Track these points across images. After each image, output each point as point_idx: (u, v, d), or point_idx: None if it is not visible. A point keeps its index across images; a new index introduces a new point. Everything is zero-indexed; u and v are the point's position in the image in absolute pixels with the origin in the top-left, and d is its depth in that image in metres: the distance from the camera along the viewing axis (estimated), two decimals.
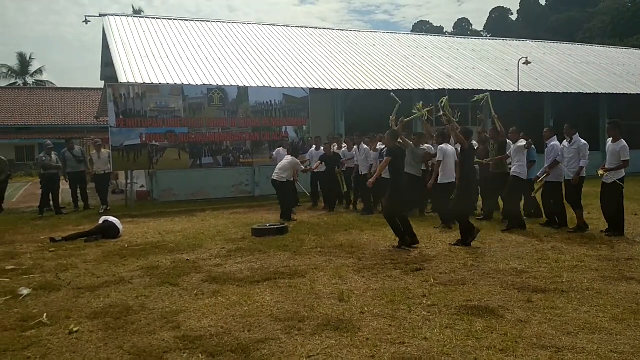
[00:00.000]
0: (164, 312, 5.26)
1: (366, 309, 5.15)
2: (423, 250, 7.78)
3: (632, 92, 22.05)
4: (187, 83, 15.12)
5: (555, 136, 9.65)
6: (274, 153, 13.57)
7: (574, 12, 69.94)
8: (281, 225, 9.56)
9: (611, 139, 8.74)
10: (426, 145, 11.00)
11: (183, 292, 5.91)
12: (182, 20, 20.45)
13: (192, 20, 20.70)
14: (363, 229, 9.70)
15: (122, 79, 14.86)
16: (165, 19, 20.17)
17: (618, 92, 21.76)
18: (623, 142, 8.46)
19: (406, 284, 5.98)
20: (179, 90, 14.35)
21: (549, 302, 5.21)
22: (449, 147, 9.67)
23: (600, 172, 8.64)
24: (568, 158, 9.07)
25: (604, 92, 21.53)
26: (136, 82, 14.55)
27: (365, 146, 11.90)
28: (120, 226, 9.65)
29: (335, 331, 4.59)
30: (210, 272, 6.76)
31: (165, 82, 14.97)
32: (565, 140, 9.30)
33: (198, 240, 9.03)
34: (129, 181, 14.33)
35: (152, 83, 14.73)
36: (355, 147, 12.42)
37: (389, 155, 8.01)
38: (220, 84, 15.40)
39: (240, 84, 15.64)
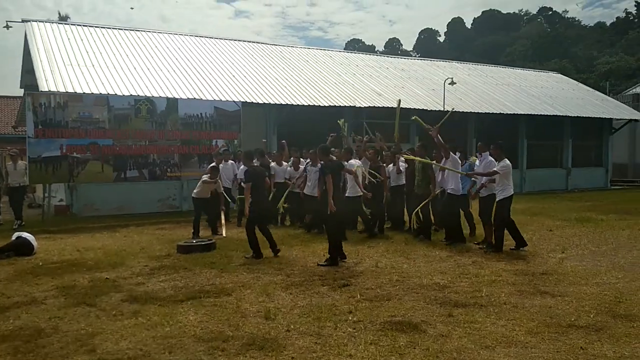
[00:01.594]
0: (79, 334, 4.99)
1: (292, 326, 5.11)
2: (351, 266, 7.84)
3: (549, 114, 23.44)
4: (113, 93, 14.57)
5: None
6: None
7: (498, 36, 73.86)
8: (208, 242, 9.35)
9: (491, 158, 9.11)
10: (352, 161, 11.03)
11: (100, 313, 5.63)
12: (110, 28, 19.76)
13: (121, 29, 20.06)
14: (292, 245, 9.66)
15: (43, 87, 14.12)
16: (92, 26, 19.40)
17: (535, 113, 23.06)
18: (506, 161, 8.82)
19: (333, 300, 6.00)
20: (103, 100, 13.83)
21: (469, 317, 5.37)
22: (355, 162, 10.08)
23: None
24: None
25: (522, 112, 22.75)
26: (58, 91, 13.86)
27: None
28: (34, 243, 9.10)
29: (260, 350, 4.52)
30: (131, 291, 6.49)
31: (90, 92, 14.35)
32: (477, 159, 9.71)
33: (119, 257, 8.66)
34: (46, 195, 13.60)
35: (75, 92, 14.08)
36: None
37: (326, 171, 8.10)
38: (148, 94, 14.96)
39: (170, 96, 15.28)
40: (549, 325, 5.10)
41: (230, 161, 12.96)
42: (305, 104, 17.48)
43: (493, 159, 9.03)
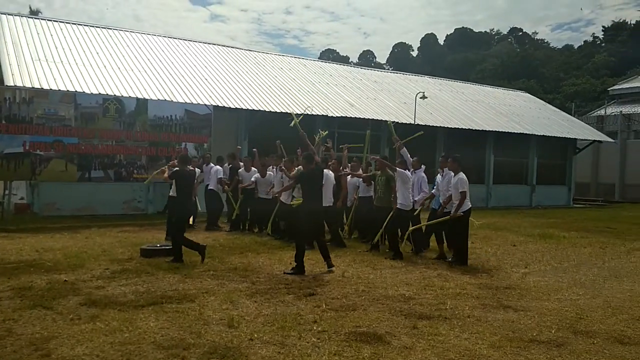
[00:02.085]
0: (34, 338, 4.80)
1: (256, 335, 5.03)
2: (318, 275, 7.79)
3: (516, 131, 23.96)
4: (81, 91, 14.24)
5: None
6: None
7: (469, 53, 75.32)
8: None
9: (452, 173, 9.13)
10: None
11: (57, 316, 5.44)
12: (81, 25, 19.34)
13: (93, 26, 19.65)
14: (259, 252, 9.57)
15: (9, 81, 13.69)
16: (63, 22, 18.97)
17: (503, 130, 23.54)
18: (462, 175, 8.87)
19: (298, 309, 5.93)
20: (70, 97, 13.52)
21: (433, 329, 5.38)
22: (329, 173, 10.04)
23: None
24: (443, 190, 9.36)
25: (490, 129, 23.19)
26: (24, 86, 13.48)
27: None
28: None
29: (222, 359, 4.42)
30: (90, 294, 6.29)
31: (57, 88, 13.99)
32: (438, 174, 9.74)
33: (79, 259, 8.41)
34: (6, 192, 13.16)
35: (42, 88, 13.71)
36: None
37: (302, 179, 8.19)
38: (117, 94, 14.67)
39: (140, 96, 15.02)
40: (512, 339, 5.15)
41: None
42: (278, 110, 17.41)
43: (424, 175, 9.14)
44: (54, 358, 4.35)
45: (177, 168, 8.90)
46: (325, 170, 9.89)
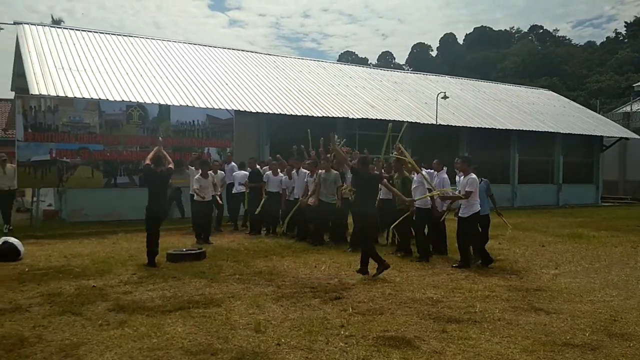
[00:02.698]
0: (63, 344, 4.84)
1: (283, 340, 4.99)
2: (343, 278, 7.73)
3: (540, 130, 23.57)
4: (105, 98, 14.44)
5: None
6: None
7: (489, 52, 74.51)
8: (198, 251, 9.21)
9: (462, 173, 8.94)
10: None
11: (86, 322, 5.48)
12: (103, 33, 19.64)
13: (114, 34, 19.93)
14: (284, 255, 9.55)
15: (34, 90, 13.96)
16: (84, 30, 19.30)
17: (527, 129, 23.18)
18: (472, 175, 8.69)
19: (325, 314, 5.88)
20: (95, 105, 13.69)
21: (463, 333, 5.28)
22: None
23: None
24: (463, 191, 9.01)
25: (514, 128, 22.85)
26: (49, 95, 13.72)
27: (305, 171, 11.77)
28: (21, 248, 8.94)
29: None
30: (118, 300, 6.33)
31: (81, 96, 14.20)
32: (458, 175, 9.51)
33: (107, 265, 8.50)
34: (35, 199, 13.38)
35: (66, 96, 13.93)
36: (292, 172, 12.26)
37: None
38: (140, 100, 14.85)
39: (162, 102, 15.17)
40: (544, 343, 5.02)
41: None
42: (299, 114, 17.42)
43: (446, 177, 8.89)
44: None
45: (147, 163, 8.78)
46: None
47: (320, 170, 11.00)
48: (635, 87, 40.98)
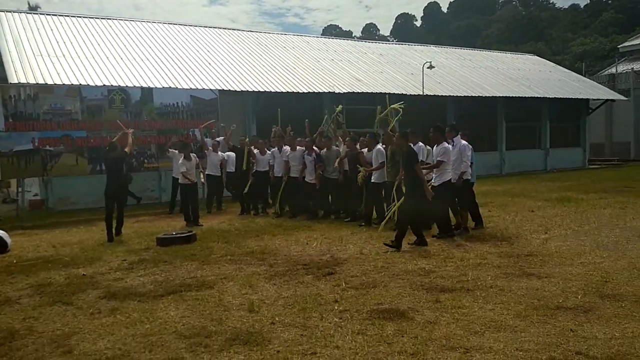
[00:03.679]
0: (55, 335, 4.79)
1: (277, 319, 4.97)
2: (335, 253, 7.72)
3: (527, 96, 23.54)
4: (85, 84, 14.18)
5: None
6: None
7: (474, 19, 74.07)
8: (188, 233, 9.14)
9: (435, 144, 8.82)
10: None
11: (77, 312, 5.43)
12: (81, 17, 19.19)
13: (93, 18, 19.49)
14: (275, 234, 9.52)
15: (13, 79, 13.69)
16: (62, 15, 18.86)
17: (514, 95, 23.13)
18: (445, 145, 8.61)
19: (318, 290, 5.87)
20: (75, 91, 13.41)
21: (456, 302, 5.29)
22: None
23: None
24: (452, 160, 8.81)
25: (501, 95, 22.80)
26: (28, 83, 13.45)
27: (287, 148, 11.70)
28: (8, 240, 8.80)
29: (245, 345, 4.38)
30: (109, 287, 6.28)
31: (61, 83, 13.94)
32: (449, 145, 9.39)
33: (97, 252, 8.41)
34: (19, 189, 13.20)
35: (46, 84, 13.66)
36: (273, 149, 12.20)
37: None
38: (122, 84, 14.59)
39: (144, 85, 14.92)
40: (537, 307, 5.04)
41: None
42: (284, 90, 17.23)
43: (448, 146, 8.69)
44: (76, 354, 4.33)
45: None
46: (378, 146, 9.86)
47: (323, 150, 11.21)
48: (620, 49, 40.96)
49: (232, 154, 13.32)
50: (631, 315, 4.76)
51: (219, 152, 13.19)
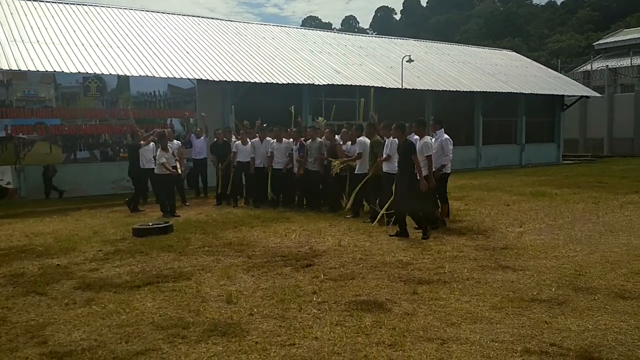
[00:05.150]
0: (29, 325, 4.70)
1: (255, 310, 4.96)
2: (313, 245, 7.73)
3: (503, 91, 23.82)
4: (60, 70, 13.85)
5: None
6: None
7: (452, 14, 74.52)
8: (165, 224, 9.04)
9: (417, 137, 8.70)
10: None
11: (52, 302, 5.33)
12: (56, 2, 18.72)
13: (68, 3, 19.03)
14: (253, 226, 9.49)
15: None
16: (37, 0, 18.37)
17: (491, 91, 23.39)
18: (427, 138, 8.60)
19: (297, 281, 5.87)
20: (50, 78, 13.15)
21: (433, 293, 5.35)
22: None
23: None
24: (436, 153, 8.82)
25: (478, 90, 23.03)
26: (1, 69, 13.08)
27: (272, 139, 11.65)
28: None
29: (223, 336, 4.36)
30: (84, 277, 6.18)
31: (35, 69, 13.59)
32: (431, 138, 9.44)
33: (71, 242, 8.27)
34: None
35: (19, 70, 13.32)
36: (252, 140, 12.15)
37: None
38: (97, 72, 14.31)
39: (121, 73, 14.66)
40: (512, 299, 5.13)
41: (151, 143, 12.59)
42: (263, 81, 17.12)
43: (430, 139, 8.62)
44: (50, 345, 4.26)
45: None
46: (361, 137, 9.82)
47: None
48: (595, 46, 41.69)
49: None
50: (604, 307, 4.87)
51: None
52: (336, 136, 11.11)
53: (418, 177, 8.04)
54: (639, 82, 31.18)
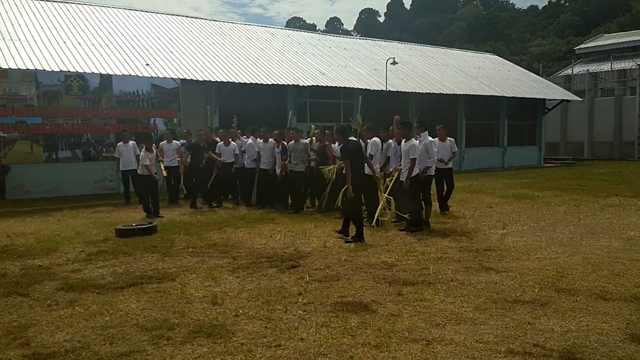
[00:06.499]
0: (11, 326, 4.63)
1: (241, 311, 4.95)
2: (299, 246, 7.73)
3: (486, 94, 24.06)
4: (42, 69, 13.66)
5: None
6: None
7: (436, 17, 75.10)
8: (148, 225, 8.97)
9: (404, 140, 8.88)
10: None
11: (34, 303, 5.26)
12: (37, 0, 18.50)
13: (50, 1, 18.79)
14: (238, 227, 9.45)
15: None
16: None
17: (473, 93, 23.61)
18: (413, 141, 8.73)
19: (282, 283, 5.87)
20: (31, 76, 12.99)
21: (418, 294, 5.38)
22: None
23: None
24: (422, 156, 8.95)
25: (461, 92, 23.23)
26: None
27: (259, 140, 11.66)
28: None
29: (208, 338, 4.33)
30: (67, 278, 6.10)
31: (16, 67, 13.39)
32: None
33: (53, 243, 8.17)
34: None
35: (0, 68, 13.11)
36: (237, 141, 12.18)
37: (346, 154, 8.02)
38: (80, 70, 14.13)
39: (103, 72, 14.50)
40: (496, 301, 5.18)
41: (131, 142, 12.47)
42: (247, 81, 17.07)
43: (416, 142, 8.75)
44: (33, 346, 4.20)
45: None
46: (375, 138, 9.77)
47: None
48: (576, 51, 42.31)
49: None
50: (586, 309, 4.94)
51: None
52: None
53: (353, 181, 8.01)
54: (619, 87, 31.74)
